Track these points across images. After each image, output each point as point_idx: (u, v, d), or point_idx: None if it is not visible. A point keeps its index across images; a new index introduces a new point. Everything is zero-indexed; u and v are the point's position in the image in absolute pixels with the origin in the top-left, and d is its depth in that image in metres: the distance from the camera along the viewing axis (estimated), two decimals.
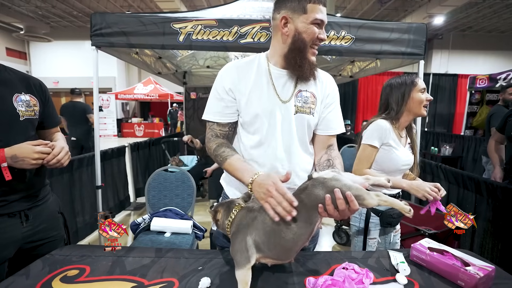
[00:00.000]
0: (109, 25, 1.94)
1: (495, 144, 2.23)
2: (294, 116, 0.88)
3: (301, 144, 0.91)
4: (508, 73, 4.65)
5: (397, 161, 1.27)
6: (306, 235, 0.68)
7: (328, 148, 0.94)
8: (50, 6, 7.81)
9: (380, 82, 8.03)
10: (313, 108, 0.90)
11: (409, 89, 1.26)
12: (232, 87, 0.89)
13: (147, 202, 1.98)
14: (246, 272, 0.68)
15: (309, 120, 0.90)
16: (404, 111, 1.28)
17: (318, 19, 0.82)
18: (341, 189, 0.64)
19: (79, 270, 0.83)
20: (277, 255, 0.69)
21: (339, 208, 0.65)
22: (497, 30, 9.05)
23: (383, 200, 0.65)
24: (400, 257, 0.88)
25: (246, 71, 0.90)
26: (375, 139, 1.26)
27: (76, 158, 2.44)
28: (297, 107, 0.88)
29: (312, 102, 0.90)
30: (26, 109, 0.95)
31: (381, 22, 2.13)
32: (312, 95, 0.90)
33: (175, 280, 0.78)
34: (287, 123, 0.88)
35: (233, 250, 0.71)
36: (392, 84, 1.30)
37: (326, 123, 0.93)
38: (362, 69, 3.37)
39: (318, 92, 0.92)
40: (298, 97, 0.89)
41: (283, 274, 0.81)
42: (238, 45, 1.99)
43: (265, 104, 0.87)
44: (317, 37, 0.84)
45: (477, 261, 0.79)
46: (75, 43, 10.08)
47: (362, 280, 0.75)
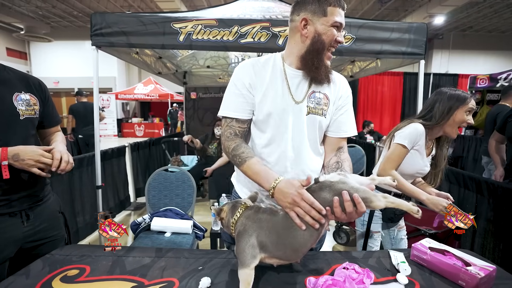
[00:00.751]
0: (109, 25, 1.94)
1: (495, 144, 2.24)
2: (306, 117, 0.89)
3: (311, 145, 0.92)
4: (508, 73, 4.65)
5: (416, 166, 1.26)
6: (314, 237, 0.69)
7: (338, 151, 0.94)
8: (51, 6, 7.81)
9: (380, 82, 8.03)
10: (325, 109, 0.91)
11: (458, 105, 1.20)
12: (251, 83, 0.90)
13: (147, 202, 1.98)
14: (250, 272, 0.69)
15: (320, 121, 0.90)
16: (443, 124, 1.23)
17: (338, 22, 0.83)
18: (348, 191, 0.65)
19: (79, 270, 0.82)
20: (285, 255, 0.70)
21: (346, 211, 0.65)
22: (498, 30, 9.04)
23: (390, 201, 0.66)
24: (401, 257, 0.88)
25: (262, 69, 0.91)
26: (408, 141, 1.22)
27: (76, 158, 2.44)
28: (309, 108, 0.89)
29: (324, 103, 0.90)
30: (26, 108, 0.95)
31: (381, 22, 2.13)
32: (325, 96, 0.91)
33: (175, 280, 0.77)
34: (299, 123, 0.89)
35: (237, 249, 0.71)
36: (445, 93, 1.24)
37: (337, 125, 0.94)
38: (363, 69, 3.37)
39: (331, 93, 0.93)
40: (311, 98, 0.89)
41: (284, 274, 0.81)
42: (239, 45, 1.99)
43: (278, 103, 0.88)
44: (335, 40, 0.85)
45: (478, 261, 0.79)
46: (75, 43, 10.09)
47: (362, 280, 0.75)
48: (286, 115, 0.88)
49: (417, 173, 1.30)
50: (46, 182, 1.06)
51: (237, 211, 0.76)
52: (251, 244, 0.69)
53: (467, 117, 1.21)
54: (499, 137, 2.19)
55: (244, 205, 0.77)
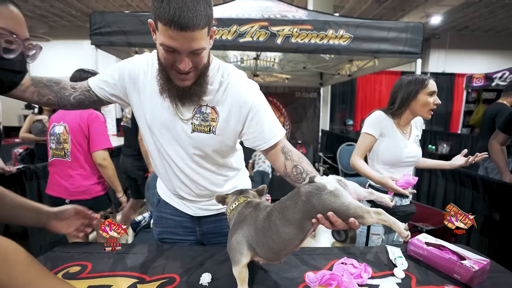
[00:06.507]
0: (108, 24, 1.94)
1: (499, 147, 1.98)
2: (191, 135, 0.80)
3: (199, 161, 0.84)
4: (504, 72, 4.70)
5: (398, 154, 1.27)
6: (297, 241, 0.63)
7: (283, 152, 0.80)
8: (49, 5, 7.77)
9: (378, 81, 8.07)
10: (213, 125, 0.80)
11: (417, 89, 1.23)
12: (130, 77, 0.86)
13: (147, 200, 1.99)
14: (241, 269, 0.67)
15: (209, 139, 0.80)
16: (407, 110, 1.28)
17: (166, 45, 0.64)
18: (339, 209, 0.58)
19: (81, 266, 0.83)
20: (265, 255, 0.67)
21: (335, 225, 0.60)
22: (494, 30, 9.11)
23: (382, 219, 0.60)
24: (398, 252, 0.90)
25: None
26: (371, 128, 1.29)
27: None
28: (194, 125, 0.79)
29: (212, 119, 0.79)
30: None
31: (379, 21, 2.15)
32: (213, 110, 0.79)
33: (176, 276, 0.78)
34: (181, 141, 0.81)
35: (228, 247, 0.70)
36: (404, 80, 1.29)
37: (262, 137, 0.80)
38: (360, 68, 3.39)
39: (223, 105, 0.79)
40: (197, 114, 0.79)
41: (282, 269, 0.82)
42: (237, 44, 2.00)
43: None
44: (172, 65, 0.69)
45: (472, 255, 0.81)
46: (74, 42, 10.03)
47: (360, 275, 0.77)
48: (167, 132, 0.81)
49: (406, 159, 1.29)
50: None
51: (234, 203, 0.74)
52: (237, 240, 0.68)
53: (432, 98, 1.23)
54: (502, 138, 1.96)
55: (243, 198, 0.75)
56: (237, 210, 0.73)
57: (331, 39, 2.06)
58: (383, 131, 1.28)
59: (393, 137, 1.28)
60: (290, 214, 0.62)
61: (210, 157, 0.85)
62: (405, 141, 1.29)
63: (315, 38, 2.06)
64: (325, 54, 3.20)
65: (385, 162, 1.31)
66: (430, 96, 1.23)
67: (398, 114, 1.30)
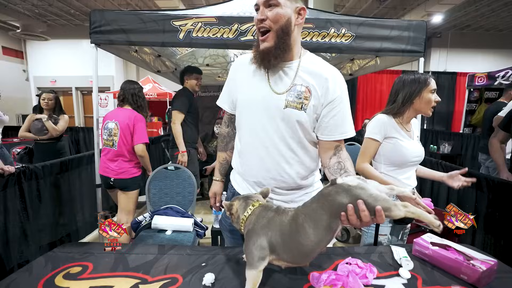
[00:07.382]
0: (108, 23, 1.92)
1: (499, 144, 2.00)
2: (283, 111, 0.84)
3: (287, 140, 0.87)
4: (506, 71, 4.66)
5: (405, 153, 1.27)
6: (325, 242, 0.65)
7: (336, 149, 0.86)
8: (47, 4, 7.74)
9: (379, 80, 8.04)
10: (305, 103, 0.84)
11: (421, 87, 1.25)
12: (234, 77, 1.04)
13: (147, 200, 1.98)
14: (257, 274, 0.66)
15: (299, 115, 0.84)
16: (410, 108, 1.28)
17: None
18: (367, 199, 0.60)
19: (82, 267, 0.82)
20: (293, 259, 0.67)
21: (362, 220, 0.60)
22: (496, 29, 9.06)
23: (411, 211, 0.61)
24: (403, 252, 0.89)
25: (248, 63, 0.99)
26: (375, 133, 1.28)
27: (76, 157, 2.43)
28: (287, 101, 0.84)
29: (305, 97, 0.83)
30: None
31: (381, 20, 2.13)
32: (307, 89, 0.84)
33: (179, 276, 0.78)
34: (273, 116, 0.87)
35: (246, 249, 0.69)
36: (405, 79, 1.29)
37: (332, 128, 0.85)
38: (362, 67, 3.37)
39: (317, 88, 0.84)
40: (291, 91, 0.84)
41: (287, 269, 0.81)
42: (239, 42, 1.99)
43: (253, 94, 0.92)
44: (256, 19, 0.86)
45: (479, 255, 0.80)
46: (73, 41, 9.99)
47: (365, 275, 0.76)
48: (260, 107, 0.87)
49: (413, 158, 1.29)
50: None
51: (249, 207, 0.73)
52: (259, 245, 0.67)
53: (433, 96, 1.26)
54: (503, 136, 1.97)
55: (257, 202, 0.74)
56: (255, 214, 0.72)
57: (333, 38, 2.04)
58: (388, 134, 1.27)
59: (398, 137, 1.27)
60: (317, 215, 0.63)
61: (297, 136, 0.87)
62: (410, 140, 1.29)
63: (317, 36, 2.04)
64: (327, 53, 3.18)
65: (392, 164, 1.29)
66: (432, 93, 1.26)
67: (400, 113, 1.30)
